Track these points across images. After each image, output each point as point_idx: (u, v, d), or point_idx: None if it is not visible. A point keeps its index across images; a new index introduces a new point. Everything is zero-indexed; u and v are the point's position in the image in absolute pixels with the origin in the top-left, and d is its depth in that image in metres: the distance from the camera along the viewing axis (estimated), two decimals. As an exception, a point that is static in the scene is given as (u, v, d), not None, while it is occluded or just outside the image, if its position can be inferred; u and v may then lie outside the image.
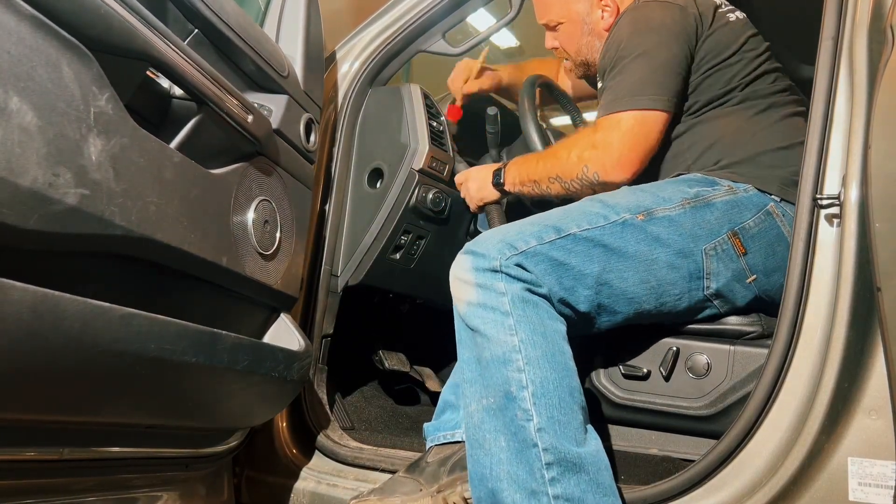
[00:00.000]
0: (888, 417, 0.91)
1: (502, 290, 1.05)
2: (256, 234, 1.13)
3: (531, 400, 0.99)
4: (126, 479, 1.13)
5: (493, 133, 1.62)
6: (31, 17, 0.73)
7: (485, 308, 1.05)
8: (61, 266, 0.81)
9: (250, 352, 1.09)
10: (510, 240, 1.10)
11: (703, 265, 1.17)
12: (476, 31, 1.75)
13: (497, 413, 1.01)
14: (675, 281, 1.16)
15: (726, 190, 1.21)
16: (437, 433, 1.23)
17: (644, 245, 1.14)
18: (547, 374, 1.01)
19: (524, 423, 0.98)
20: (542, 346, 1.03)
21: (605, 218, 1.14)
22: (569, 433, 0.99)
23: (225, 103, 1.02)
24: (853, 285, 0.96)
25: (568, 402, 1.01)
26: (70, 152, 0.76)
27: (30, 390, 0.80)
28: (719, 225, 1.18)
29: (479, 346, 1.05)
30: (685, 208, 1.18)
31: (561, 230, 1.12)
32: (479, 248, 1.10)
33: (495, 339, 1.03)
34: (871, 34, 1.02)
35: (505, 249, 1.08)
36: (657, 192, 1.21)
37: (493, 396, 1.02)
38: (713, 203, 1.19)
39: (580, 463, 0.98)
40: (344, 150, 1.59)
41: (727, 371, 1.19)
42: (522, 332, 1.03)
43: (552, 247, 1.10)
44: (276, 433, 1.45)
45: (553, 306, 1.09)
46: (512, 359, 1.01)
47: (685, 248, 1.16)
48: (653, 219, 1.16)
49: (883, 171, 0.84)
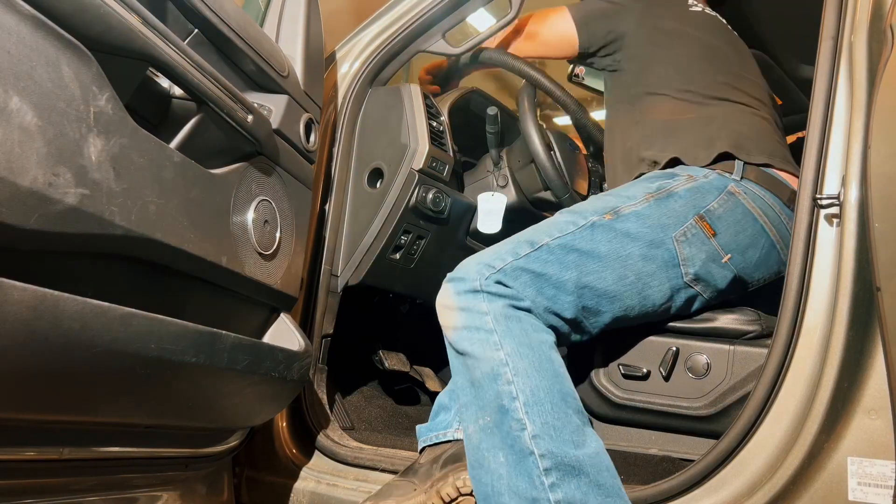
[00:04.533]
0: (888, 417, 0.91)
1: (485, 309, 1.07)
2: (256, 234, 1.13)
3: (523, 409, 0.99)
4: (126, 479, 1.13)
5: (493, 133, 1.63)
6: (31, 17, 0.73)
7: (470, 329, 1.07)
8: (61, 266, 0.81)
9: (250, 352, 1.09)
10: (487, 261, 1.12)
11: (676, 252, 1.19)
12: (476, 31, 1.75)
13: (493, 430, 1.01)
14: (653, 272, 1.18)
15: (686, 178, 1.25)
16: (428, 434, 1.24)
17: (616, 243, 1.16)
18: (536, 382, 1.01)
19: (518, 433, 0.98)
20: (528, 357, 1.03)
21: (574, 224, 1.17)
22: (565, 437, 0.99)
23: (225, 103, 1.02)
24: (853, 285, 0.96)
25: (561, 406, 1.01)
26: (70, 152, 0.76)
27: (30, 390, 0.80)
28: (685, 211, 1.21)
29: (469, 368, 1.06)
30: (650, 201, 1.21)
31: (534, 243, 1.14)
32: (458, 274, 1.13)
33: (483, 357, 1.04)
34: (871, 34, 1.02)
35: (483, 270, 1.10)
36: (620, 192, 1.25)
37: (488, 415, 1.02)
38: (676, 192, 1.22)
39: (579, 466, 0.98)
40: (344, 150, 1.59)
41: (727, 371, 1.19)
42: (507, 345, 1.04)
43: (528, 260, 1.12)
44: (276, 433, 1.45)
45: (538, 318, 1.10)
46: (500, 372, 1.02)
47: (655, 239, 1.18)
48: (620, 216, 1.18)
49: (883, 172, 0.84)
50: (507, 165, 1.66)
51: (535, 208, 1.70)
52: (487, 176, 1.70)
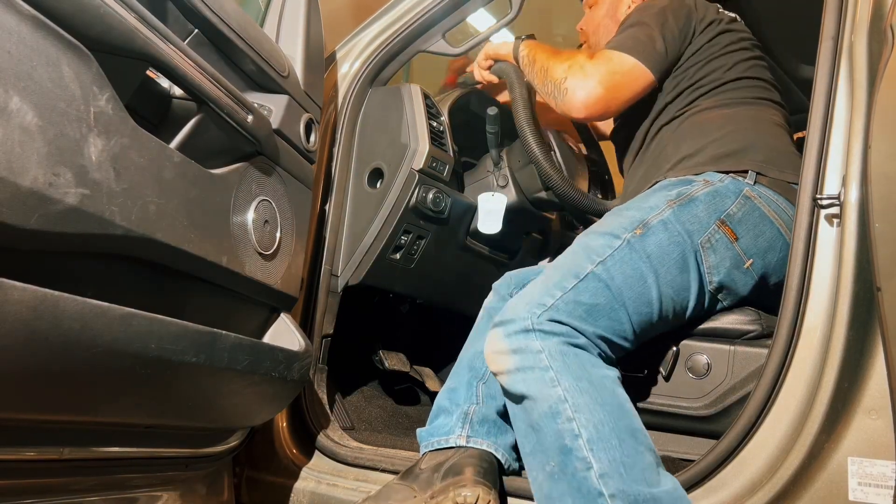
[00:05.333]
0: (888, 417, 0.91)
1: (538, 347, 1.02)
2: (256, 234, 1.13)
3: (587, 447, 0.94)
4: (126, 479, 1.13)
5: (493, 133, 1.62)
6: (31, 17, 0.73)
7: (523, 371, 1.02)
8: (61, 266, 0.81)
9: (250, 352, 1.09)
10: (536, 300, 1.08)
11: (702, 260, 1.18)
12: (476, 31, 1.75)
13: (560, 476, 0.95)
14: (687, 284, 1.17)
15: (703, 183, 1.24)
16: (430, 438, 1.22)
17: (653, 259, 1.15)
18: (601, 418, 0.96)
19: (585, 473, 0.93)
20: (589, 392, 0.99)
21: (610, 246, 1.14)
22: (636, 475, 0.93)
23: (225, 103, 1.02)
24: (853, 285, 0.96)
25: (630, 443, 0.96)
26: (70, 152, 0.76)
27: (30, 390, 0.80)
28: (707, 216, 1.20)
29: (527, 411, 1.02)
30: (672, 208, 1.19)
31: (579, 273, 1.11)
32: (506, 317, 1.08)
33: (539, 396, 1.00)
34: (871, 34, 1.02)
35: (534, 309, 1.06)
36: (641, 204, 1.23)
37: (552, 460, 0.97)
38: (696, 197, 1.21)
39: (655, 502, 0.93)
40: (344, 150, 1.59)
41: (727, 371, 1.19)
42: (565, 381, 0.99)
43: (577, 292, 1.08)
44: (276, 433, 1.45)
45: (595, 353, 1.07)
46: (559, 410, 0.97)
47: (685, 248, 1.17)
48: (649, 229, 1.16)
49: (883, 172, 0.84)
50: (507, 165, 1.66)
51: (535, 208, 1.70)
52: (487, 176, 1.70)
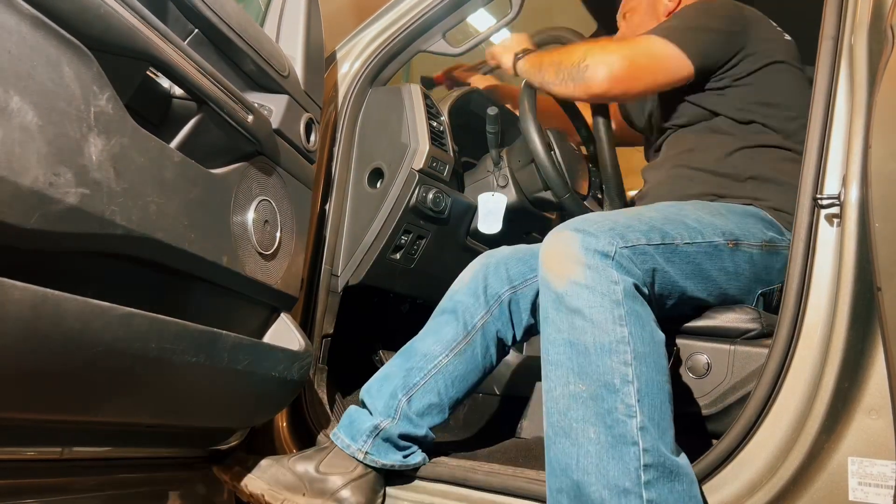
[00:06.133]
0: (888, 417, 0.91)
1: (615, 279, 1.00)
2: (256, 233, 1.13)
3: (636, 396, 0.94)
4: (126, 479, 1.13)
5: (493, 133, 1.63)
6: (31, 17, 0.73)
7: (593, 292, 0.99)
8: (61, 266, 0.81)
9: (250, 352, 1.09)
10: (620, 231, 1.06)
11: (753, 304, 1.24)
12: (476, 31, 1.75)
13: (588, 402, 0.95)
14: (729, 305, 1.23)
15: (788, 244, 1.26)
16: (340, 433, 1.22)
17: (724, 274, 1.19)
18: (654, 376, 0.97)
19: (625, 418, 0.93)
20: (650, 347, 0.98)
21: (701, 235, 1.16)
22: (667, 440, 0.95)
23: (225, 103, 1.02)
24: (853, 285, 0.96)
25: (668, 408, 0.97)
26: (70, 152, 0.76)
27: (30, 390, 0.80)
28: (778, 275, 1.24)
29: (576, 329, 0.98)
30: (762, 250, 1.23)
31: (665, 236, 1.11)
32: (587, 227, 1.05)
33: (602, 325, 0.97)
34: (871, 34, 1.02)
35: (616, 238, 1.04)
36: (739, 222, 1.24)
37: (584, 384, 0.96)
38: (780, 253, 1.25)
39: (677, 471, 0.94)
40: (344, 150, 1.59)
41: (727, 371, 1.19)
42: (632, 325, 0.98)
43: (657, 251, 1.09)
44: (276, 433, 1.45)
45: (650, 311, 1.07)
46: (619, 350, 0.96)
47: (749, 286, 1.22)
48: (738, 250, 1.19)
49: (883, 171, 0.84)
50: (508, 165, 1.66)
51: (536, 208, 1.70)
52: (487, 176, 1.70)
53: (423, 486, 1.24)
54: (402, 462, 1.21)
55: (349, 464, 1.18)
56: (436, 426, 1.25)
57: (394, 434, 1.20)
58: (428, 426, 1.24)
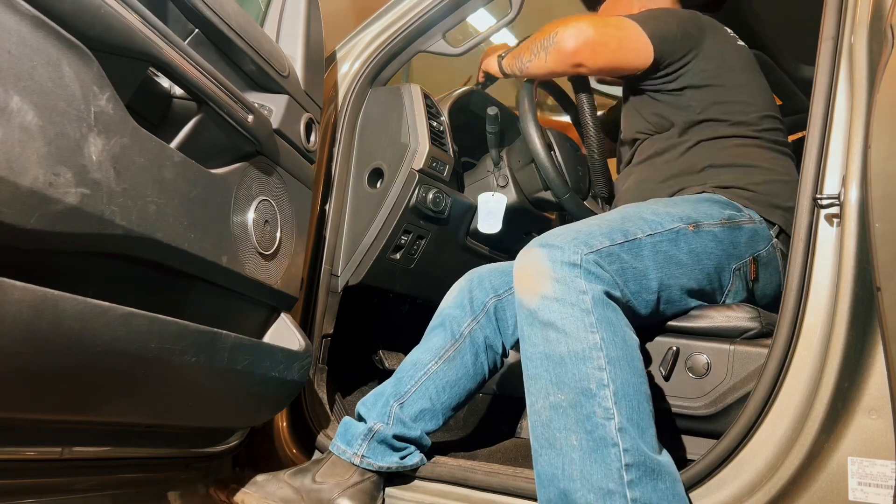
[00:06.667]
0: (888, 417, 0.91)
1: (583, 288, 1.02)
2: (256, 233, 1.13)
3: (612, 399, 0.96)
4: (126, 479, 1.13)
5: (493, 133, 1.63)
6: (31, 17, 0.73)
7: (563, 303, 1.01)
8: (61, 266, 0.81)
9: (250, 352, 1.09)
10: (583, 238, 1.08)
11: (729, 282, 1.25)
12: (476, 31, 1.75)
13: (568, 410, 0.97)
14: (709, 292, 1.25)
15: (748, 219, 1.29)
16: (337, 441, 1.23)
17: (693, 256, 1.20)
18: (628, 378, 0.98)
19: (603, 421, 0.95)
20: (622, 349, 1.00)
21: (662, 225, 1.17)
22: (647, 439, 0.97)
23: (225, 103, 1.02)
24: (853, 285, 0.96)
25: (646, 408, 0.99)
26: (70, 152, 0.76)
27: (30, 390, 0.80)
28: (746, 248, 1.26)
29: (550, 342, 1.01)
30: (724, 227, 1.24)
31: (627, 233, 1.13)
32: (552, 241, 1.07)
33: (574, 334, 0.99)
34: (871, 34, 1.02)
35: (581, 246, 1.06)
36: (695, 206, 1.26)
37: (563, 393, 0.98)
38: (743, 227, 1.27)
39: (659, 470, 0.96)
40: (344, 150, 1.59)
41: (727, 371, 1.19)
42: (603, 331, 1.00)
43: (622, 249, 1.10)
44: (276, 433, 1.45)
45: (625, 313, 1.08)
46: (592, 356, 0.98)
47: (722, 264, 1.23)
48: (700, 231, 1.20)
49: (883, 171, 0.84)
50: (507, 165, 1.66)
51: (535, 208, 1.70)
52: (487, 176, 1.70)
53: (423, 486, 1.24)
54: (398, 463, 1.22)
55: (346, 471, 1.19)
56: (431, 432, 1.26)
57: (388, 435, 1.21)
58: (422, 430, 1.25)
